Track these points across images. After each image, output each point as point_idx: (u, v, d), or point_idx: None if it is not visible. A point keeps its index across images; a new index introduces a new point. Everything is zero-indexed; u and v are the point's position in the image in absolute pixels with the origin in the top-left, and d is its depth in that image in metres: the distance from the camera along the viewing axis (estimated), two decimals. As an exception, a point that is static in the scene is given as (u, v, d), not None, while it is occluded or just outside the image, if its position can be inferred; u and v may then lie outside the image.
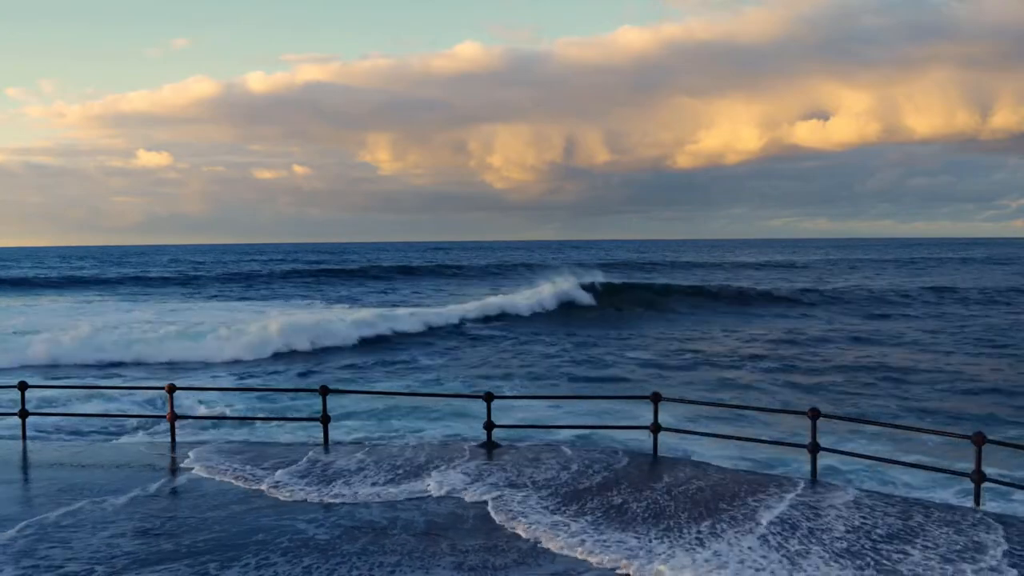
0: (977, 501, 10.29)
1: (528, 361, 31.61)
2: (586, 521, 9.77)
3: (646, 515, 9.92)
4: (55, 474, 12.26)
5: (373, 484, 11.50)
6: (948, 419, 20.68)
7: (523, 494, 10.81)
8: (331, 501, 10.80)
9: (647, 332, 41.17)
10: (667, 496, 10.63)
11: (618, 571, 8.37)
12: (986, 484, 10.42)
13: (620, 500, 10.52)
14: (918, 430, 15.73)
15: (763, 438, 15.27)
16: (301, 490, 11.26)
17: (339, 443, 14.30)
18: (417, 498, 10.86)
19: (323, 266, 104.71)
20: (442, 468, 12.11)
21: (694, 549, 8.78)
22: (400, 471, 12.07)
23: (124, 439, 17.13)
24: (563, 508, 10.25)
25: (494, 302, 48.31)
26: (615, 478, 11.45)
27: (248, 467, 12.47)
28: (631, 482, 11.26)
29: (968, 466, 10.66)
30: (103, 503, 10.58)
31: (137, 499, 10.81)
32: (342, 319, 40.45)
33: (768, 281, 76.04)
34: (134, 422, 19.06)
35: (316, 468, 12.35)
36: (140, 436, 17.51)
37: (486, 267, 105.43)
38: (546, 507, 10.31)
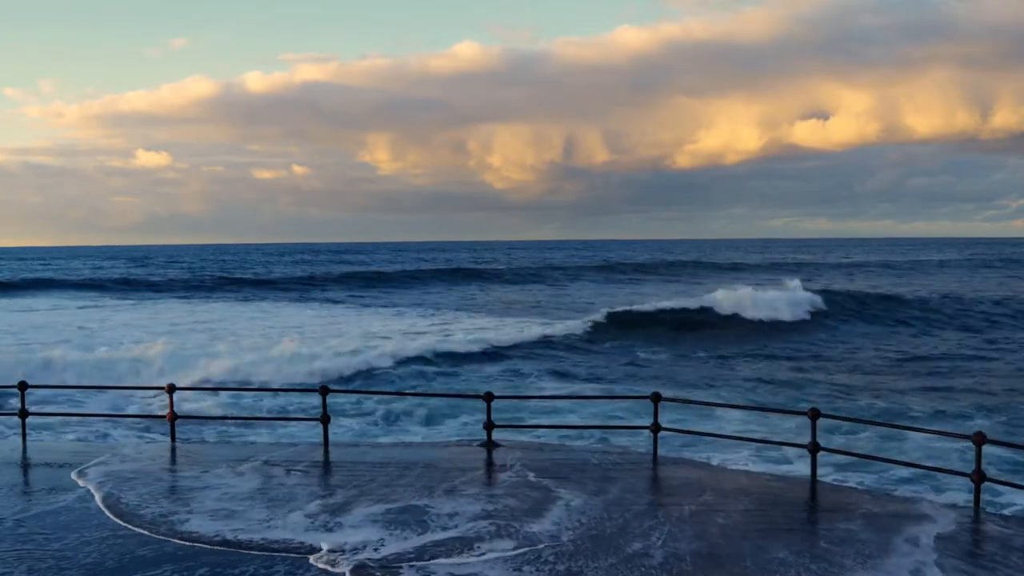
0: (977, 501, 10.28)
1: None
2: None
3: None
4: (43, 474, 12.19)
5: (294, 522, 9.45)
6: None
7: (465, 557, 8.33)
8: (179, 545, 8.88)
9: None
10: (672, 518, 10.64)
11: None
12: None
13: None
14: (918, 430, 15.75)
15: (764, 438, 15.31)
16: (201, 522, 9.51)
17: (337, 443, 14.29)
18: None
19: (459, 266, 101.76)
20: (390, 493, 10.55)
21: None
22: (337, 497, 10.50)
23: (121, 439, 17.14)
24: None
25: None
26: (612, 488, 11.48)
27: (169, 473, 11.68)
28: (628, 497, 11.25)
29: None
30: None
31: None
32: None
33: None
34: (136, 422, 19.08)
35: (271, 484, 11.14)
36: (139, 436, 17.52)
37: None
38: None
